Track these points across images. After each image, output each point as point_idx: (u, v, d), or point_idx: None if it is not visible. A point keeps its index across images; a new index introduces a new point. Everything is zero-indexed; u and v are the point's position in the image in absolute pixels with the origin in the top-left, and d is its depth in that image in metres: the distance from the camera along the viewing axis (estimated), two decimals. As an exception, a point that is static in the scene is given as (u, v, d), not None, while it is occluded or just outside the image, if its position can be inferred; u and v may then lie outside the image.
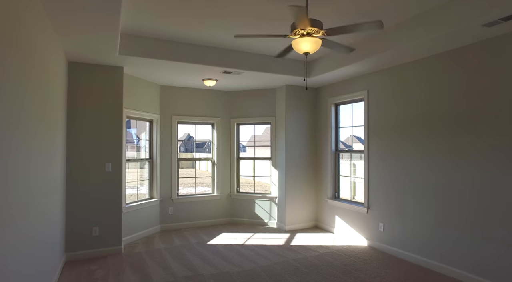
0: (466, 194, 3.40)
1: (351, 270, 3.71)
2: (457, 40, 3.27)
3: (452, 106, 3.55)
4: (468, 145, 3.39)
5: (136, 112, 4.94)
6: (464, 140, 3.43)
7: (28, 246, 2.24)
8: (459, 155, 3.47)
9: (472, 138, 3.35)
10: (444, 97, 3.64)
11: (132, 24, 3.56)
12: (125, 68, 4.41)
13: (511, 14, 2.60)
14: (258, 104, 5.99)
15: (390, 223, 4.29)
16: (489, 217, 3.19)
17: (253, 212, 5.97)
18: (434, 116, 3.74)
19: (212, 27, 3.64)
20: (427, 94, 3.83)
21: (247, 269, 3.74)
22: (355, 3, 3.03)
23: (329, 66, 4.59)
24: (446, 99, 3.61)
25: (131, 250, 4.43)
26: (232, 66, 4.47)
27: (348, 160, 5.41)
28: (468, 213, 3.37)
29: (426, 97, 3.84)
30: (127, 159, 4.88)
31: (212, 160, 6.12)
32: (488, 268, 3.18)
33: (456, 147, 3.50)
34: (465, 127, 3.42)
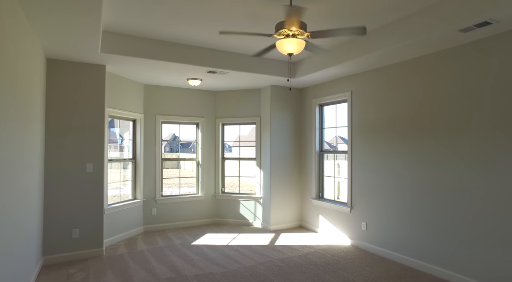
0: (443, 194, 3.50)
1: (334, 269, 3.75)
2: (435, 45, 3.37)
3: (427, 108, 3.65)
4: (441, 146, 3.49)
5: (119, 111, 4.84)
6: (438, 141, 3.53)
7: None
8: (435, 156, 3.58)
9: (445, 140, 3.46)
10: (418, 100, 3.74)
11: (114, 22, 3.49)
12: (107, 66, 4.32)
13: (484, 21, 2.73)
14: (243, 104, 5.98)
15: (372, 223, 4.37)
16: (463, 216, 3.29)
17: (238, 212, 5.96)
18: (412, 118, 3.84)
19: (196, 26, 3.61)
20: (404, 96, 3.92)
21: (231, 269, 3.73)
22: (336, 6, 3.07)
23: (313, 67, 4.64)
24: (420, 101, 3.71)
25: (113, 252, 4.34)
26: (217, 66, 4.45)
27: (332, 160, 5.48)
28: (444, 212, 3.47)
29: (402, 100, 3.94)
30: (109, 159, 4.78)
31: (197, 160, 6.07)
32: (464, 265, 3.29)
33: (432, 148, 3.61)
34: (436, 129, 3.52)
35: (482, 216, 3.16)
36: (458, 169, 3.38)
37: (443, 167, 3.52)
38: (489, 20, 2.72)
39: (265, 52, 3.07)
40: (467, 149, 3.30)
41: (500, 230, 3.02)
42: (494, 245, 3.06)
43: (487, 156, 3.13)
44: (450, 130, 3.46)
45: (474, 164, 3.24)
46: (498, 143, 3.04)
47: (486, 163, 3.13)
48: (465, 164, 3.31)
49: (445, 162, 3.50)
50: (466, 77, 3.33)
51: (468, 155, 3.29)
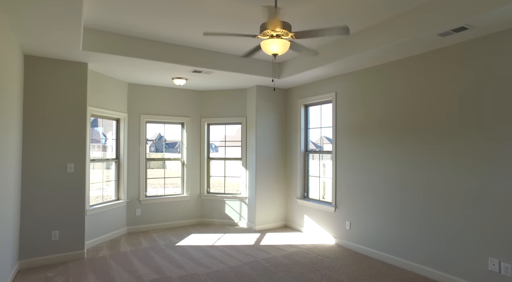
0: (423, 193, 3.59)
1: (318, 268, 3.80)
2: (416, 48, 3.46)
3: (408, 109, 3.75)
4: (423, 146, 3.59)
5: (102, 110, 4.74)
6: (419, 142, 3.62)
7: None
8: (416, 156, 3.67)
9: (425, 141, 3.56)
10: (400, 101, 3.83)
11: (97, 19, 3.42)
12: (89, 64, 4.22)
13: (461, 26, 2.84)
14: (228, 104, 5.97)
15: (356, 222, 4.44)
16: (443, 214, 3.39)
17: (224, 212, 5.94)
18: (394, 119, 3.93)
19: (182, 25, 3.58)
20: (386, 97, 4.01)
21: (216, 270, 3.72)
22: (321, 8, 3.10)
23: (299, 68, 4.67)
24: (402, 102, 3.80)
25: (95, 254, 4.25)
26: (202, 65, 4.42)
27: (318, 160, 5.54)
28: (425, 210, 3.57)
29: (385, 101, 4.02)
30: (91, 159, 4.68)
31: (182, 160, 6.02)
32: (443, 261, 3.39)
33: (413, 148, 3.70)
34: (418, 130, 3.62)
35: (462, 215, 3.26)
36: (439, 167, 3.47)
37: (424, 167, 3.62)
38: (465, 25, 2.82)
39: (253, 52, 3.08)
40: (449, 149, 3.40)
41: (478, 228, 3.12)
42: (472, 243, 3.16)
43: (471, 155, 3.23)
44: (429, 130, 3.55)
45: (458, 162, 3.34)
46: (482, 142, 3.15)
47: (471, 162, 3.24)
48: (447, 162, 3.41)
49: (426, 161, 3.60)
50: (446, 79, 3.43)
51: (450, 154, 3.39)
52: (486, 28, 2.89)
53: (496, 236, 2.97)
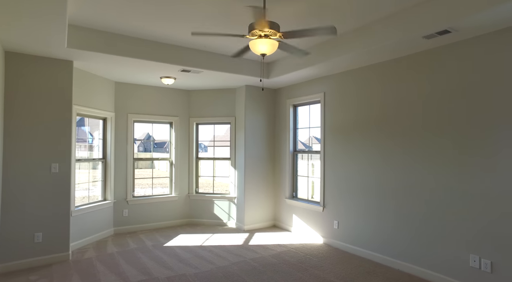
0: (409, 193, 3.66)
1: (306, 267, 3.82)
2: (402, 50, 3.51)
3: (394, 110, 3.81)
4: (408, 147, 3.65)
5: (88, 109, 4.66)
6: (405, 142, 3.69)
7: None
8: (401, 156, 3.73)
9: (411, 141, 3.62)
10: (386, 102, 3.89)
11: (83, 16, 3.36)
12: (75, 62, 4.14)
13: (445, 29, 2.91)
14: (217, 104, 5.95)
15: (343, 221, 4.49)
16: (427, 214, 3.46)
17: (212, 212, 5.92)
18: (381, 119, 3.98)
19: (170, 24, 3.55)
20: (373, 98, 4.07)
21: (204, 270, 3.70)
22: (308, 10, 3.12)
23: (287, 68, 4.69)
24: (387, 104, 3.87)
25: (81, 256, 4.17)
26: (191, 64, 4.39)
27: (307, 160, 5.57)
28: (410, 210, 3.64)
29: (372, 101, 4.08)
30: (77, 159, 4.59)
31: (170, 160, 5.96)
32: (427, 259, 3.46)
33: (399, 149, 3.76)
34: (402, 130, 3.68)
35: (444, 214, 3.33)
36: (423, 168, 3.54)
37: (409, 167, 3.68)
38: (448, 28, 2.89)
39: (242, 53, 3.07)
40: (433, 149, 3.47)
41: (460, 226, 3.20)
42: (454, 241, 3.23)
43: (452, 156, 3.30)
44: (417, 131, 3.62)
45: (442, 163, 3.41)
46: (461, 143, 3.22)
47: (452, 163, 3.31)
48: (430, 163, 3.48)
49: (410, 161, 3.66)
50: (430, 81, 3.50)
51: (433, 155, 3.46)
52: (469, 31, 2.96)
53: (476, 233, 3.05)
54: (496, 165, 2.94)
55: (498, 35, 2.94)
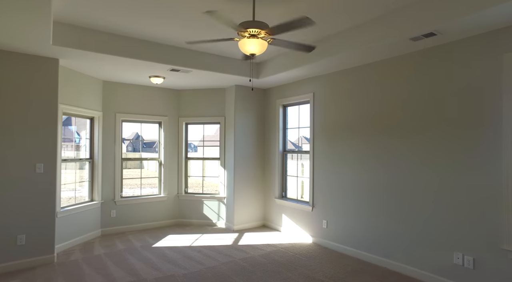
0: (396, 192, 3.72)
1: (295, 266, 3.84)
2: (390, 51, 3.57)
3: (382, 110, 3.87)
4: (396, 146, 3.72)
5: (74, 108, 4.57)
6: (393, 142, 3.75)
7: None
8: (390, 156, 3.79)
9: (398, 141, 3.69)
10: (373, 102, 3.95)
11: (70, 13, 3.29)
12: (61, 60, 4.06)
13: (430, 32, 2.98)
14: (207, 103, 5.92)
15: (332, 220, 4.53)
16: (413, 213, 3.53)
17: (202, 212, 5.89)
18: (369, 120, 4.04)
19: (159, 23, 3.51)
20: (361, 98, 4.12)
21: (193, 271, 3.68)
22: (298, 11, 3.14)
23: (277, 68, 4.71)
24: (376, 104, 3.92)
25: (66, 258, 4.09)
26: (180, 64, 4.36)
27: (297, 160, 5.60)
28: (397, 209, 3.70)
29: (360, 102, 4.13)
30: (63, 159, 4.50)
31: (159, 160, 5.91)
32: (413, 257, 3.52)
33: (387, 148, 3.82)
34: (391, 130, 3.74)
35: (430, 213, 3.40)
36: (410, 168, 3.61)
37: (397, 166, 3.74)
38: (434, 31, 2.95)
39: (217, 41, 3.01)
40: (420, 149, 3.54)
41: (444, 224, 3.27)
42: (438, 238, 3.31)
43: (439, 157, 3.37)
44: (404, 131, 3.68)
45: (427, 163, 3.48)
46: (450, 143, 3.29)
47: (439, 163, 3.38)
48: (418, 163, 3.55)
49: (398, 162, 3.72)
50: (417, 83, 3.56)
51: (421, 154, 3.53)
52: (453, 35, 3.03)
53: (460, 231, 3.13)
54: (482, 166, 3.02)
55: (481, 38, 3.02)
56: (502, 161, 2.86)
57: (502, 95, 2.87)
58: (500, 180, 2.88)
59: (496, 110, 2.92)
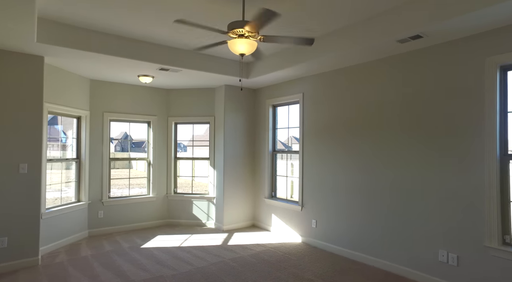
0: (383, 192, 3.78)
1: (285, 266, 3.85)
2: (377, 52, 3.62)
3: (369, 110, 3.92)
4: (383, 147, 3.77)
5: (60, 107, 4.48)
6: (380, 142, 3.81)
7: None
8: (377, 155, 3.85)
9: (385, 141, 3.74)
10: (361, 103, 4.00)
11: (56, 9, 3.22)
12: (46, 58, 3.97)
13: (416, 34, 3.04)
14: (197, 103, 5.89)
15: (321, 220, 4.56)
16: (399, 213, 3.59)
17: (191, 213, 5.86)
18: (356, 120, 4.09)
19: (148, 21, 3.47)
20: (349, 99, 4.17)
21: (183, 271, 3.65)
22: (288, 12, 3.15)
23: (267, 68, 4.71)
24: (363, 104, 3.97)
25: (51, 260, 4.00)
26: (170, 63, 4.32)
27: (286, 160, 5.62)
28: (384, 208, 3.75)
29: (349, 102, 4.18)
30: (49, 159, 4.40)
31: (148, 160, 5.84)
32: (399, 255, 3.58)
33: (375, 148, 3.88)
34: (379, 130, 3.80)
35: (416, 212, 3.47)
36: (397, 168, 3.66)
37: (385, 167, 3.80)
38: (420, 33, 3.00)
39: (212, 46, 3.01)
40: (407, 150, 3.60)
41: (430, 224, 3.34)
42: (424, 237, 3.37)
43: (424, 157, 3.43)
44: (390, 132, 3.74)
45: (412, 163, 3.54)
46: (432, 145, 3.36)
47: (424, 163, 3.44)
48: (403, 164, 3.61)
49: (386, 162, 3.78)
50: (402, 84, 3.62)
51: (408, 155, 3.59)
52: (438, 37, 3.09)
53: (444, 229, 3.20)
54: (466, 167, 3.09)
55: (465, 41, 3.10)
56: (485, 162, 2.94)
57: (484, 98, 2.95)
58: (483, 180, 2.96)
59: (479, 114, 2.99)
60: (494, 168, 2.88)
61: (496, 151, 2.88)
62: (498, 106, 2.90)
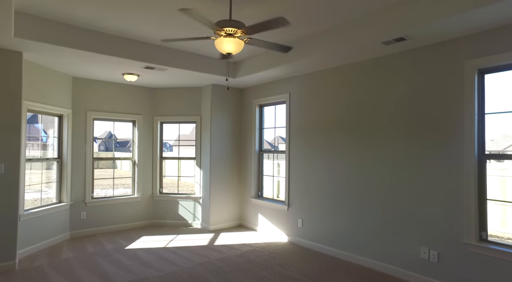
0: (364, 192, 3.84)
1: (271, 265, 3.86)
2: (362, 54, 3.67)
3: (354, 111, 3.98)
4: (366, 148, 3.83)
5: (41, 105, 4.34)
6: (363, 143, 3.87)
7: None
8: (361, 156, 3.91)
9: (367, 142, 3.80)
10: (347, 104, 4.05)
11: (35, 4, 3.11)
12: (25, 53, 3.83)
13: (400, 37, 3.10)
14: (183, 102, 5.83)
15: (307, 219, 4.60)
16: (382, 212, 3.66)
17: (177, 213, 5.79)
18: (341, 120, 4.14)
19: (134, 18, 3.40)
20: (335, 100, 4.21)
21: (168, 272, 3.60)
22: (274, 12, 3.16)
23: (254, 68, 4.71)
24: (348, 105, 4.03)
25: (30, 264, 3.87)
26: (155, 61, 4.25)
27: (273, 160, 5.63)
28: (366, 208, 3.81)
29: (334, 103, 4.22)
30: (28, 159, 4.26)
31: (133, 160, 5.74)
32: (383, 252, 3.65)
33: (359, 149, 3.93)
34: (361, 131, 3.86)
35: (399, 210, 3.54)
36: (382, 167, 3.72)
37: (370, 166, 3.85)
38: (403, 36, 3.07)
39: (193, 39, 2.97)
40: (390, 149, 3.66)
41: (412, 222, 3.41)
42: (407, 235, 3.44)
43: (406, 156, 3.51)
44: (374, 132, 3.80)
45: (395, 163, 3.60)
46: (415, 144, 3.43)
47: (406, 162, 3.51)
48: (387, 163, 3.67)
49: (371, 161, 3.84)
50: (387, 85, 3.69)
51: (390, 154, 3.65)
52: (422, 40, 3.16)
53: (426, 228, 3.28)
54: (445, 166, 3.17)
55: (446, 45, 3.18)
56: (464, 161, 3.02)
57: (464, 100, 3.03)
58: (462, 180, 3.05)
59: (459, 115, 3.08)
60: (472, 167, 2.97)
61: (475, 151, 2.97)
62: (476, 108, 2.99)
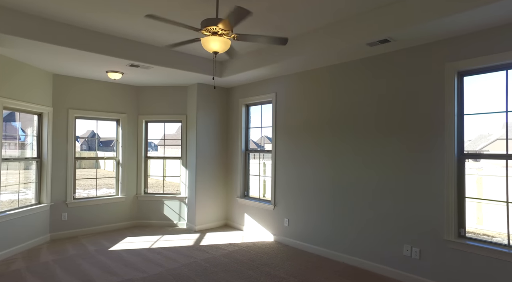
0: (351, 191, 3.90)
1: (257, 265, 3.86)
2: (348, 55, 3.72)
3: (338, 112, 4.03)
4: (349, 148, 3.90)
5: (18, 103, 4.19)
6: (347, 143, 3.93)
7: None
8: (344, 157, 3.97)
9: (351, 142, 3.87)
10: (331, 104, 4.11)
11: (12, -1, 3.00)
12: (0, 48, 3.68)
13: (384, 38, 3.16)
14: (168, 101, 5.75)
15: (293, 219, 4.63)
16: (366, 211, 3.73)
17: (162, 213, 5.71)
18: (327, 121, 4.19)
19: (118, 14, 3.33)
20: (320, 100, 4.26)
21: (153, 274, 3.55)
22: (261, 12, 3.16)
23: (240, 67, 4.70)
24: (333, 106, 4.08)
25: (6, 268, 3.73)
26: (140, 59, 4.18)
27: (259, 160, 5.64)
28: (351, 208, 3.88)
29: (319, 103, 4.27)
30: (4, 158, 4.10)
31: (117, 159, 5.62)
32: (368, 251, 3.72)
33: (343, 149, 3.99)
34: (344, 132, 3.92)
35: (384, 209, 3.61)
36: (367, 167, 3.79)
37: (354, 166, 3.91)
38: (387, 38, 3.13)
39: (184, 43, 2.95)
40: (375, 150, 3.73)
41: (396, 220, 3.49)
42: (390, 233, 3.52)
43: (391, 157, 3.58)
44: (358, 132, 3.87)
45: (378, 163, 3.67)
46: (400, 145, 3.51)
47: (391, 163, 3.59)
48: (372, 163, 3.74)
49: (357, 161, 3.90)
50: (372, 86, 3.76)
51: (375, 155, 3.72)
52: (405, 42, 3.24)
53: (408, 226, 3.36)
54: (426, 165, 3.26)
55: (428, 47, 3.27)
56: (444, 161, 3.12)
57: (444, 102, 3.13)
58: (442, 179, 3.14)
59: (439, 116, 3.17)
60: (452, 167, 3.07)
61: (454, 150, 3.07)
62: (456, 109, 3.09)
